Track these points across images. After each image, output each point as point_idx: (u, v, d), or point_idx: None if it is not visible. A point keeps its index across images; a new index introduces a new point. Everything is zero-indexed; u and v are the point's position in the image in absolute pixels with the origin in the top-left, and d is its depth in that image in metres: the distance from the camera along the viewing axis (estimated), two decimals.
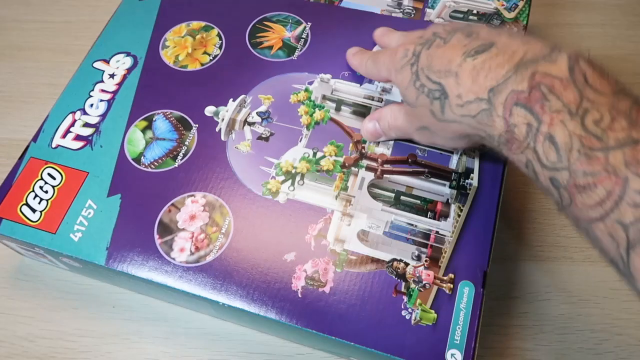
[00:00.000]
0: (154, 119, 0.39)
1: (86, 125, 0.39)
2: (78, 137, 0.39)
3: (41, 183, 0.37)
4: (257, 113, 0.39)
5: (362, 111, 0.38)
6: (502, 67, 0.26)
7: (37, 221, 0.36)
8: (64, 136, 0.39)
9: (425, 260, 0.33)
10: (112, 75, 0.41)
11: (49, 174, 0.37)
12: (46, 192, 0.37)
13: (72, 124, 0.39)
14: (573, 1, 0.52)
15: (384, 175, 0.36)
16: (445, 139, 0.32)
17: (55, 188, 0.37)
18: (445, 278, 0.32)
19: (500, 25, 0.42)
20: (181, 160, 0.37)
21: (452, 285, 0.32)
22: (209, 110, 0.39)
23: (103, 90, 0.41)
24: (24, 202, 0.36)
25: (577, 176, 0.23)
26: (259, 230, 0.34)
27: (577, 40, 0.49)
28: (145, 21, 0.44)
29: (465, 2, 0.43)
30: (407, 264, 0.33)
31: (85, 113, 0.40)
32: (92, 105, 0.40)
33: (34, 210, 0.36)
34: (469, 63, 0.28)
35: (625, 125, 0.23)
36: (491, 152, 0.31)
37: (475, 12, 0.42)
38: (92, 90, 0.41)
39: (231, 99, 0.39)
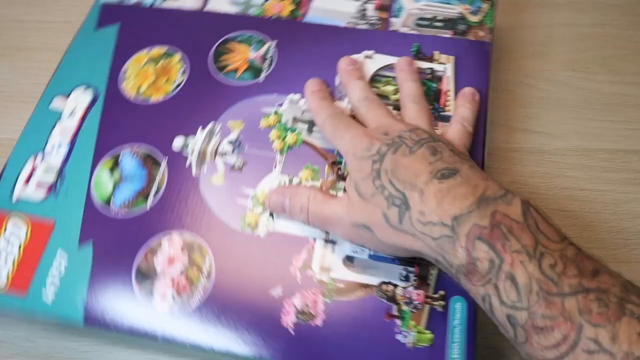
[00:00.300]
0: (120, 157, 0.37)
1: (48, 170, 0.37)
2: (41, 184, 0.37)
3: (6, 236, 0.35)
4: (227, 142, 0.37)
5: None
6: (467, 198, 0.27)
7: (4, 287, 0.33)
8: (26, 183, 0.37)
9: (414, 280, 0.32)
10: (72, 113, 0.39)
11: (14, 225, 0.35)
12: (12, 248, 0.34)
13: (33, 170, 0.37)
14: (572, 1, 0.51)
15: None
16: (386, 245, 0.30)
17: (21, 245, 0.35)
18: (436, 296, 0.32)
19: (467, 31, 0.41)
20: (153, 199, 0.35)
21: (444, 303, 0.31)
22: (178, 144, 0.37)
23: (63, 130, 0.39)
24: None
25: (535, 318, 0.24)
26: (242, 267, 0.33)
27: (577, 40, 0.49)
28: (104, 51, 0.42)
29: (430, 9, 0.42)
30: (396, 286, 0.32)
31: (46, 157, 0.38)
32: (52, 147, 0.38)
33: None
34: (435, 184, 0.28)
35: (576, 272, 0.25)
36: None
37: (440, 18, 0.42)
38: (51, 131, 0.39)
39: (200, 127, 0.38)
